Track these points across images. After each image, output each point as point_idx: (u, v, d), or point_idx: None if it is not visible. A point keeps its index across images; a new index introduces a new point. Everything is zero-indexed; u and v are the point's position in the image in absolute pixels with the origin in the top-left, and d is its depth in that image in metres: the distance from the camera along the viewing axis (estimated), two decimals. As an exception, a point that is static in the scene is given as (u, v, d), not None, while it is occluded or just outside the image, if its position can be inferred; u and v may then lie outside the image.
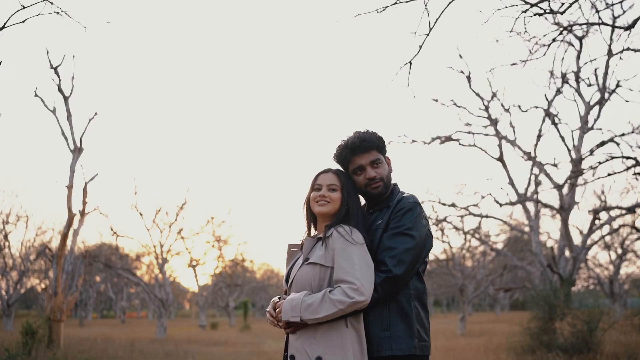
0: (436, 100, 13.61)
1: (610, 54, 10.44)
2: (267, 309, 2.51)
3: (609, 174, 9.39)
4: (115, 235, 24.00)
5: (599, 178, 10.29)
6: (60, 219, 27.16)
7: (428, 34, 4.88)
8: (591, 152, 11.57)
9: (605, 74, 11.19)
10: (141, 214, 24.93)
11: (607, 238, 23.44)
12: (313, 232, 2.65)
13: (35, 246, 27.93)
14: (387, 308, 2.39)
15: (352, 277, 2.27)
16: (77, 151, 12.77)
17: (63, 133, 12.73)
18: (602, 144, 11.03)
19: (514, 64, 7.64)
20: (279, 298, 2.51)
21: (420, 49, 5.12)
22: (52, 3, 7.85)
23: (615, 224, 16.50)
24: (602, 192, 20.89)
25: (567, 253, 13.01)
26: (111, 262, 25.29)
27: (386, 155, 2.69)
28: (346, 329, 2.31)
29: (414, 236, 2.41)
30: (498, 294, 39.37)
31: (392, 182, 2.66)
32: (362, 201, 2.64)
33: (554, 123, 11.88)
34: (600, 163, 9.07)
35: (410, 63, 5.37)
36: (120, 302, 44.98)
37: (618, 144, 10.58)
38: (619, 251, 27.13)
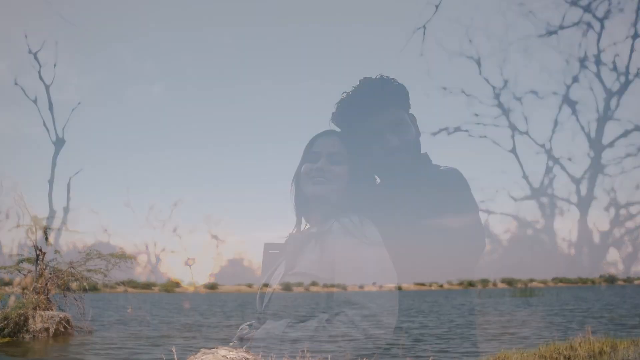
0: (445, 89, 12.81)
1: (635, 35, 9.64)
2: (231, 343, 1.64)
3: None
4: (107, 233, 23.41)
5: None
6: (57, 217, 26.62)
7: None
8: (611, 143, 10.80)
9: (630, 57, 10.38)
10: (134, 211, 24.36)
11: (617, 235, 22.75)
12: (305, 225, 1.78)
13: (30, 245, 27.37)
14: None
15: (364, 297, 1.42)
16: (59, 143, 12.12)
17: (45, 124, 12.12)
18: (626, 133, 10.23)
19: (541, 35, 6.79)
20: (250, 326, 1.64)
21: (437, 8, 4.25)
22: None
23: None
24: (612, 189, 20.19)
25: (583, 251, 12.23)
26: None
27: (410, 112, 1.84)
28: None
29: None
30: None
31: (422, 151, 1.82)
32: (377, 180, 1.79)
33: (574, 112, 11.04)
34: None
35: (425, 27, 4.53)
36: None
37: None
38: (629, 249, 26.46)
